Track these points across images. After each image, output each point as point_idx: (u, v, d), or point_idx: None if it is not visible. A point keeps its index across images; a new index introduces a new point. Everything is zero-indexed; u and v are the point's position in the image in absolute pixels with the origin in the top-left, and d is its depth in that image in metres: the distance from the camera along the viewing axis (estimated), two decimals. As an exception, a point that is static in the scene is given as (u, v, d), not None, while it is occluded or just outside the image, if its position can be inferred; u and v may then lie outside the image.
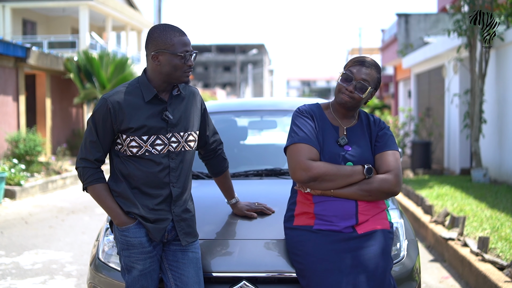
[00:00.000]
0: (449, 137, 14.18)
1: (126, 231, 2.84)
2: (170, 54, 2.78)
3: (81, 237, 7.77)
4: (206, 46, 76.00)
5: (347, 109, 2.99)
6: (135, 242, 2.84)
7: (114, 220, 2.86)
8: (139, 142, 2.81)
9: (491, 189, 9.52)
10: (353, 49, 47.59)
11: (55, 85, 18.59)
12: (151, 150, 2.83)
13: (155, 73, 2.84)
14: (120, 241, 2.88)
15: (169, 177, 2.88)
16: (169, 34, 2.79)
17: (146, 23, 30.88)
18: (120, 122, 2.80)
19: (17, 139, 13.46)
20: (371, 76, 2.92)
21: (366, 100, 2.99)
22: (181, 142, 2.91)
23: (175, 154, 2.89)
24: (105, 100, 2.82)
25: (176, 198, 2.90)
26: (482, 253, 5.41)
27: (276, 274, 2.94)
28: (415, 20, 22.23)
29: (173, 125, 2.87)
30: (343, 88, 2.93)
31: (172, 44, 2.78)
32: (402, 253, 3.20)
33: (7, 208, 10.28)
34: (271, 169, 4.12)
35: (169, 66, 2.80)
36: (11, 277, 5.86)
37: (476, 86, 10.98)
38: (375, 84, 2.95)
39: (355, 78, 2.90)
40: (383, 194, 2.89)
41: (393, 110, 25.28)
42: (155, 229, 2.85)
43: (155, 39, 2.80)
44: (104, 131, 2.83)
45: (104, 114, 2.81)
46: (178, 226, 2.91)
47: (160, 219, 2.86)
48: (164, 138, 2.85)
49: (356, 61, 2.96)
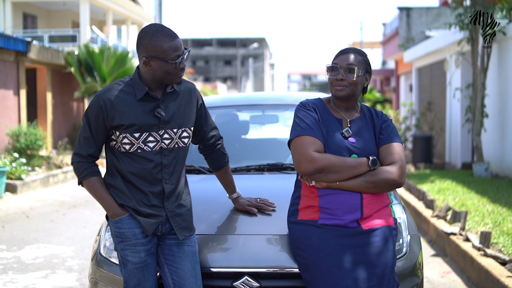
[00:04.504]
0: (450, 131, 14.16)
1: (119, 222, 2.86)
2: (162, 60, 2.75)
3: (82, 231, 7.77)
4: (207, 40, 75.90)
5: (346, 99, 3.00)
6: (129, 233, 2.85)
7: (108, 212, 2.89)
8: (131, 139, 2.81)
9: (493, 184, 9.51)
10: (354, 43, 47.46)
11: (56, 79, 18.57)
12: (143, 147, 2.83)
13: (147, 75, 2.83)
14: (115, 234, 2.90)
15: (162, 174, 2.88)
16: (159, 40, 2.73)
17: (147, 17, 30.83)
18: (111, 119, 2.80)
19: (18, 133, 13.46)
20: (355, 59, 2.97)
21: (362, 86, 3.01)
22: (175, 138, 2.90)
23: (168, 151, 2.89)
24: (98, 97, 2.83)
25: (169, 194, 2.90)
26: (484, 248, 5.40)
27: (278, 270, 2.93)
28: (417, 13, 22.18)
29: (165, 122, 2.86)
30: (333, 80, 2.98)
31: (163, 51, 2.74)
32: (405, 248, 3.19)
33: (8, 202, 10.27)
34: (273, 164, 4.10)
35: (161, 71, 2.78)
36: (13, 271, 5.86)
37: (478, 80, 10.96)
38: (364, 67, 2.99)
39: (341, 66, 2.96)
40: (388, 185, 2.89)
41: (395, 104, 25.25)
42: (147, 223, 2.86)
43: (146, 45, 2.76)
44: (96, 127, 2.84)
45: (96, 111, 2.82)
46: (173, 221, 2.91)
47: (153, 214, 2.87)
48: (156, 135, 2.84)
49: (337, 53, 3.05)
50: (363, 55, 3.03)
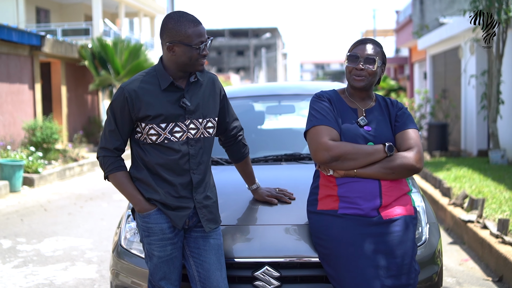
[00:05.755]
0: (465, 119, 14.07)
1: (147, 217, 2.86)
2: (186, 45, 2.76)
3: (100, 223, 7.84)
4: (219, 31, 75.83)
5: (363, 89, 3.02)
6: (156, 228, 2.85)
7: (135, 207, 2.88)
8: (157, 130, 2.82)
9: (510, 171, 9.45)
10: (367, 31, 47.19)
11: (70, 72, 18.66)
12: (170, 138, 2.83)
13: (170, 62, 2.84)
14: (141, 228, 2.90)
15: (189, 164, 2.88)
16: (183, 25, 2.75)
17: (159, 8, 30.84)
18: (137, 110, 2.81)
19: (34, 127, 13.57)
20: (374, 50, 3.00)
21: (379, 76, 3.03)
22: (200, 128, 2.91)
23: (194, 141, 2.89)
24: (122, 89, 2.83)
25: (197, 185, 2.91)
26: (502, 235, 5.39)
27: (298, 259, 2.95)
28: (430, 0, 21.99)
29: (191, 112, 2.87)
30: (352, 69, 2.99)
31: (187, 36, 2.75)
32: (424, 236, 3.19)
33: (26, 195, 10.38)
34: (291, 154, 4.11)
35: (185, 57, 2.79)
36: (33, 264, 5.93)
37: (494, 67, 10.87)
38: (381, 57, 3.02)
39: (361, 56, 2.98)
40: (406, 171, 2.89)
41: (409, 92, 25.11)
42: (176, 216, 2.86)
43: (170, 30, 2.77)
44: (122, 120, 2.84)
45: (121, 103, 2.82)
46: (200, 213, 2.91)
47: (182, 206, 2.87)
48: (182, 125, 2.85)
49: (356, 43, 3.07)
50: (380, 46, 3.05)
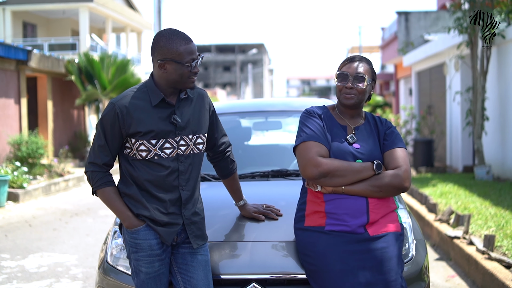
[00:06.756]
0: (451, 135, 14.17)
1: (135, 233, 2.85)
2: (177, 63, 2.78)
3: (86, 239, 7.78)
4: (206, 46, 75.94)
5: (353, 107, 3.04)
6: (144, 244, 2.84)
7: (124, 223, 2.86)
8: (148, 146, 2.82)
9: (495, 187, 9.51)
10: (353, 48, 47.55)
11: (57, 87, 18.59)
12: (160, 154, 2.83)
13: (161, 79, 2.84)
14: (129, 244, 2.89)
15: (178, 180, 2.88)
16: (175, 42, 2.77)
17: (146, 24, 30.89)
18: (128, 126, 2.80)
19: (19, 142, 13.48)
20: (364, 68, 3.01)
21: (368, 94, 3.05)
22: (190, 145, 2.91)
23: (184, 157, 2.89)
24: (113, 104, 2.82)
25: (186, 201, 2.90)
26: (488, 251, 5.41)
27: (285, 276, 2.94)
28: (415, 18, 22.25)
29: (181, 128, 2.88)
30: (342, 88, 3.01)
31: (178, 54, 2.77)
32: (411, 253, 3.20)
33: (10, 211, 10.28)
34: (278, 170, 4.11)
35: (176, 74, 2.80)
36: (17, 280, 5.86)
37: (478, 84, 10.98)
38: (371, 75, 3.04)
39: (351, 74, 3.00)
40: (393, 189, 2.91)
41: (394, 108, 25.27)
42: (166, 233, 2.85)
43: (161, 47, 2.78)
44: (112, 135, 2.84)
45: (112, 118, 2.81)
46: (188, 229, 2.91)
47: (171, 222, 2.86)
48: (173, 142, 2.85)
49: (346, 60, 3.08)
50: (369, 63, 3.07)
